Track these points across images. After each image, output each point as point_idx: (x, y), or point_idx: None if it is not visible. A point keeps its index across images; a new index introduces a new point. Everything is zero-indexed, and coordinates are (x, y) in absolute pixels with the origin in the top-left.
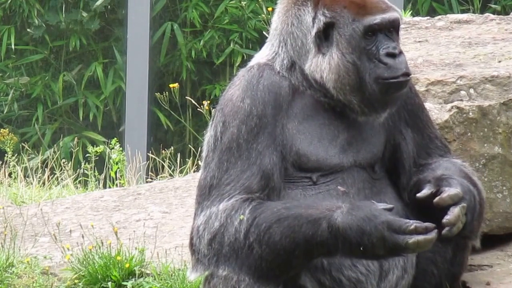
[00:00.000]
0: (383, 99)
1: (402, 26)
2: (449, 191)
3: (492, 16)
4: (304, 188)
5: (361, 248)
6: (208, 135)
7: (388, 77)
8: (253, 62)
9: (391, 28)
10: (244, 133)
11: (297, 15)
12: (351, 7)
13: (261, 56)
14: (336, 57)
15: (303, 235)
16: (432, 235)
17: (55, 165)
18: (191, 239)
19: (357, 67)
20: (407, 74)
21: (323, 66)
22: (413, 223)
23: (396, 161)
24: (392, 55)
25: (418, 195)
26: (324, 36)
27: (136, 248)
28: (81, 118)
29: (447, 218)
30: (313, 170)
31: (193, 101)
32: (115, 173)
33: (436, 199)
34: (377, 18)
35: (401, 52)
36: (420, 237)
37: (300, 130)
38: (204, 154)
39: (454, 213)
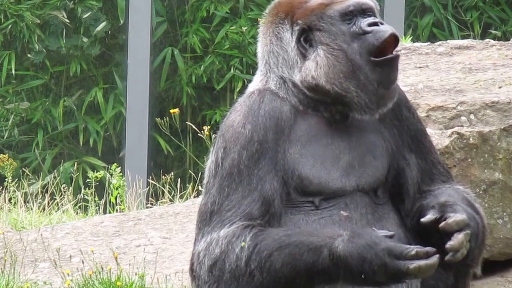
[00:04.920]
0: (379, 80)
1: (378, 11)
2: (455, 217)
3: (492, 42)
4: (306, 213)
5: (363, 276)
6: (209, 161)
7: (376, 44)
8: (250, 88)
9: (368, 12)
10: (245, 159)
11: (275, 32)
12: (320, 6)
13: (255, 83)
14: (322, 52)
15: (304, 263)
16: (434, 259)
17: (55, 190)
18: (192, 265)
19: (345, 51)
20: (394, 35)
21: (311, 66)
22: (414, 248)
23: (400, 187)
24: (374, 24)
25: (422, 220)
26: (305, 43)
27: (136, 274)
28: (81, 143)
29: (450, 243)
30: (315, 193)
31: (194, 127)
32: (115, 198)
33: (442, 224)
34: (350, 2)
35: (383, 23)
36: (422, 262)
37: (303, 154)
38: (205, 180)
39: (458, 239)
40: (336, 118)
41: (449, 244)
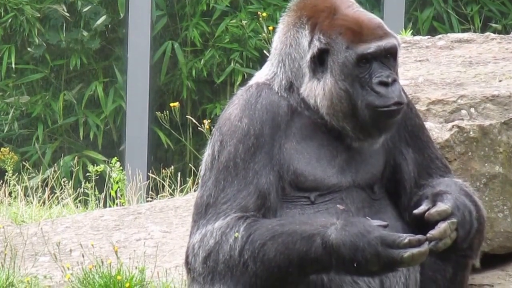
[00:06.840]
0: (375, 126)
1: (401, 50)
2: (437, 207)
3: (492, 35)
4: (302, 207)
5: (355, 265)
6: (206, 154)
7: (379, 105)
8: (252, 81)
9: (388, 55)
10: (241, 152)
11: (295, 37)
12: (346, 34)
13: (260, 75)
14: (330, 83)
15: (297, 252)
16: (425, 247)
17: (56, 184)
18: (187, 257)
19: (350, 95)
20: (399, 103)
21: (317, 91)
22: (406, 237)
23: (397, 182)
24: (384, 84)
25: (415, 211)
26: (319, 61)
27: (136, 268)
28: (81, 137)
29: (431, 232)
30: (311, 189)
31: (194, 120)
32: (116, 192)
33: (426, 214)
34: (372, 47)
35: (395, 81)
36: (415, 250)
37: (298, 150)
38: (201, 173)
39: (439, 228)
40: (331, 132)
41: (429, 234)
